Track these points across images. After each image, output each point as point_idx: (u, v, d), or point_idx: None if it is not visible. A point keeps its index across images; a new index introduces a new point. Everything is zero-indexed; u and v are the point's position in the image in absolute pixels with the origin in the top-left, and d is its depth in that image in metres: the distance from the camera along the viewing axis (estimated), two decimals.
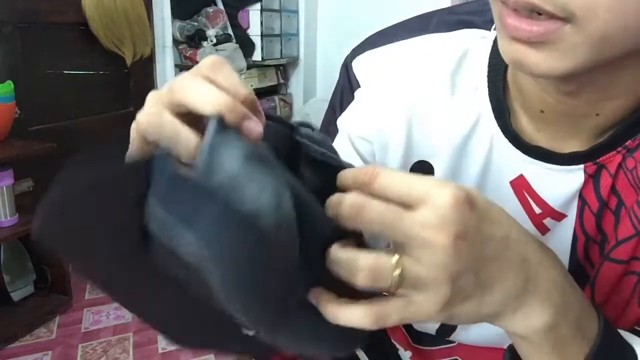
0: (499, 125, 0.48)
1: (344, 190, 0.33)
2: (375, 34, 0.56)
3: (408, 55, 0.52)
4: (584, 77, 0.38)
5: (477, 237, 0.31)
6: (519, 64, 0.37)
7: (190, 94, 0.30)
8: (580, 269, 0.49)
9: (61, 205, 0.30)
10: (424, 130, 0.51)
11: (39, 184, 2.26)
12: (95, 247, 0.31)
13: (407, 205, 0.30)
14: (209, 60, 0.32)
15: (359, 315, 0.31)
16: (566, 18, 0.33)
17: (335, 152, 0.36)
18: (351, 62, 0.55)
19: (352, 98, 0.55)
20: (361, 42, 0.56)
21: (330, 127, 0.57)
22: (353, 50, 0.55)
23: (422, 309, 0.31)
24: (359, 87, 0.54)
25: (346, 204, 0.31)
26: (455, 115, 0.49)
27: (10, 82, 1.85)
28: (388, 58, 0.53)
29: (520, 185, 0.48)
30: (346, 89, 0.55)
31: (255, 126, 0.30)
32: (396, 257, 0.30)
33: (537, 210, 0.48)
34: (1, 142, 1.87)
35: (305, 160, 0.34)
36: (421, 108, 0.50)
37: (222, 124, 0.28)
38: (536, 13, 0.34)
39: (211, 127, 0.28)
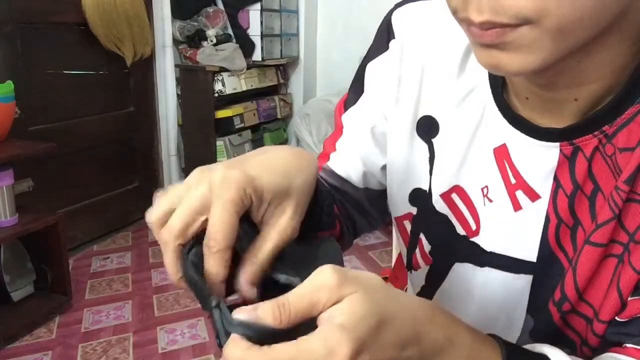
0: (492, 95, 0.52)
1: None
2: None
3: (440, 14, 0.56)
4: (554, 69, 0.41)
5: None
6: (494, 67, 0.40)
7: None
8: (550, 253, 0.50)
9: None
10: (433, 88, 0.56)
11: (39, 184, 2.26)
12: None
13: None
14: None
15: None
16: (523, 23, 0.36)
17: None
18: (392, 14, 0.59)
19: (386, 48, 0.59)
20: None
21: (359, 75, 0.63)
22: (397, 4, 0.60)
23: None
24: (394, 38, 0.59)
25: None
26: (459, 80, 0.54)
27: (10, 82, 1.85)
28: (422, 13, 0.58)
29: (501, 154, 0.51)
30: (381, 39, 0.60)
31: None
32: None
33: (512, 180, 0.51)
34: (1, 142, 1.87)
35: None
36: (435, 66, 0.56)
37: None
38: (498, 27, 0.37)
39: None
